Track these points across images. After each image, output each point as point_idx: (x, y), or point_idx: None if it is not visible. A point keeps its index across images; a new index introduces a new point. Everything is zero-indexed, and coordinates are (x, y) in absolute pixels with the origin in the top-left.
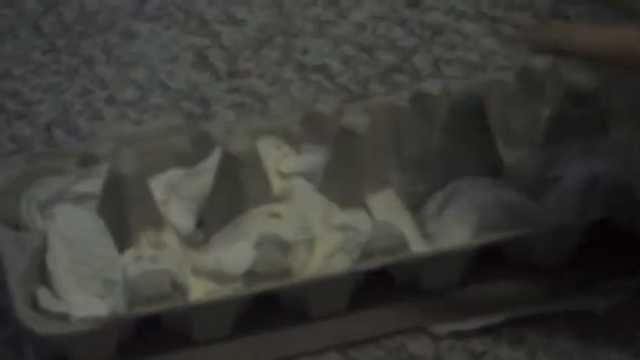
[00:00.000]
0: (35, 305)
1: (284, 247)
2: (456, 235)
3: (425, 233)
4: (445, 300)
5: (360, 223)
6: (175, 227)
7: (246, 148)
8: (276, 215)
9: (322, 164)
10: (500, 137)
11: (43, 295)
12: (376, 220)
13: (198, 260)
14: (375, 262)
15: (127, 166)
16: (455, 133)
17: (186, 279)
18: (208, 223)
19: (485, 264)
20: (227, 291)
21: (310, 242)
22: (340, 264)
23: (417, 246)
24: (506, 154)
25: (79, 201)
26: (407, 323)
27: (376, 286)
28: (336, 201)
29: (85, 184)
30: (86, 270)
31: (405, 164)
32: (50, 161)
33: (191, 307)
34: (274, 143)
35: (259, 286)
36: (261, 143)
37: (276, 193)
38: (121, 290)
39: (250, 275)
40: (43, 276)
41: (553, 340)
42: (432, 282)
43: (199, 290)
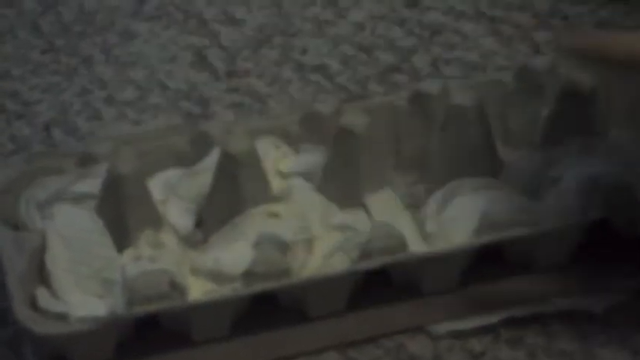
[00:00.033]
0: (34, 305)
1: (283, 247)
2: (456, 235)
3: (424, 233)
4: (444, 300)
5: (359, 223)
6: (174, 227)
7: (245, 147)
8: (275, 215)
9: (321, 164)
10: (499, 137)
11: (42, 294)
12: (375, 220)
13: (197, 260)
14: (374, 262)
15: (125, 165)
16: (454, 132)
17: (185, 279)
18: (207, 223)
19: (485, 264)
20: (226, 291)
21: (309, 242)
22: (339, 264)
23: (416, 246)
24: (505, 154)
25: (77, 201)
26: (406, 323)
27: (375, 286)
28: (335, 201)
29: (83, 183)
30: (85, 270)
31: (404, 164)
32: (49, 161)
33: (190, 306)
34: (273, 143)
35: (258, 286)
36: (260, 143)
37: (275, 192)
38: (120, 290)
39: (249, 275)
40: (42, 276)
41: (552, 340)
42: (431, 282)
43: (198, 290)
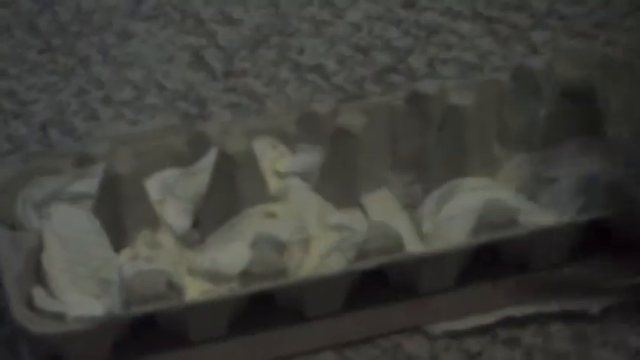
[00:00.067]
0: (31, 305)
1: (280, 247)
2: (452, 235)
3: (421, 233)
4: (441, 300)
5: (355, 222)
6: (171, 227)
7: (242, 148)
8: (272, 215)
9: (318, 164)
10: (496, 137)
11: (39, 294)
12: (372, 220)
13: (194, 260)
14: (370, 262)
15: (122, 166)
16: (451, 133)
17: (182, 279)
18: (204, 223)
19: (482, 264)
20: (223, 291)
21: (306, 242)
22: (336, 264)
23: (412, 246)
24: (502, 154)
25: (74, 201)
26: (403, 323)
27: (372, 286)
28: (332, 201)
29: (80, 183)
30: (82, 270)
31: (400, 164)
32: (46, 161)
33: (187, 307)
34: (270, 143)
35: (255, 286)
36: (257, 143)
37: (272, 192)
38: (117, 290)
39: (246, 275)
40: (39, 275)
41: (549, 340)
42: (428, 282)
43: (195, 290)
